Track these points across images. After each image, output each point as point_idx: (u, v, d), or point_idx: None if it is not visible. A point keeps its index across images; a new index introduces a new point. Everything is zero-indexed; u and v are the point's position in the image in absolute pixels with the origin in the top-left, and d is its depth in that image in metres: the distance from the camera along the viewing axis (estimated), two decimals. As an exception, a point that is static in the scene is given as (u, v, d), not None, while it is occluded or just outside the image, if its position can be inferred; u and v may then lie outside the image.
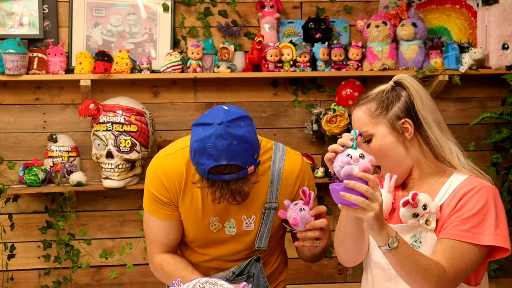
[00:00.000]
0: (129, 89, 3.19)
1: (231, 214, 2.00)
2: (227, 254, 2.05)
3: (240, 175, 1.79)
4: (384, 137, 1.73)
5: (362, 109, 1.77)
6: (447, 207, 1.68)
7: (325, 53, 3.13)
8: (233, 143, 1.76)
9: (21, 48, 2.91)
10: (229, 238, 2.02)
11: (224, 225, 2.01)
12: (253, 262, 2.06)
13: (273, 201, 1.99)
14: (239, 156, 1.77)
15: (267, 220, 2.00)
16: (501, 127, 3.23)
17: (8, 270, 3.13)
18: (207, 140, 1.77)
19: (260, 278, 2.07)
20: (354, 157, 1.51)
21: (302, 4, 3.32)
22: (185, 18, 3.22)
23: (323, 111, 3.15)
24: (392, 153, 1.74)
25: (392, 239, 1.54)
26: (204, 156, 1.78)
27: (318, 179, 3.13)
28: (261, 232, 2.01)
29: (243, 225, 2.01)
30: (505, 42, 3.16)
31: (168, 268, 2.02)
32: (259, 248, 2.03)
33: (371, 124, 1.74)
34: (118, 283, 3.25)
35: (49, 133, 3.12)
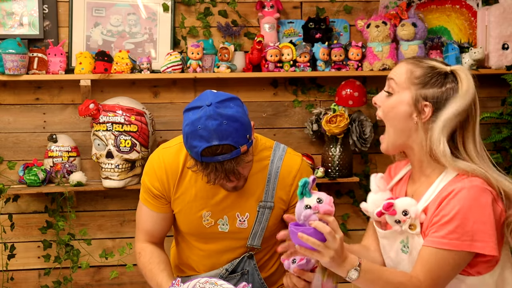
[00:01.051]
0: (129, 89, 3.19)
1: (224, 210, 2.00)
2: (222, 250, 2.05)
3: (233, 154, 1.80)
4: (401, 103, 1.70)
5: (409, 67, 1.72)
6: (430, 211, 1.65)
7: (325, 53, 3.13)
8: (223, 123, 1.78)
9: (21, 48, 2.91)
10: (223, 235, 2.02)
11: (217, 222, 2.01)
12: (246, 259, 2.06)
13: (268, 200, 1.99)
14: (230, 136, 1.78)
15: (261, 219, 2.00)
16: (501, 127, 3.23)
17: (8, 270, 3.13)
18: (198, 122, 1.80)
19: (255, 275, 2.07)
20: (313, 206, 1.53)
21: (302, 4, 3.32)
22: (185, 18, 3.22)
23: (323, 111, 3.15)
24: (398, 121, 1.71)
25: (351, 272, 1.55)
26: (195, 139, 1.80)
27: (318, 179, 3.13)
28: (254, 230, 2.01)
29: (237, 222, 2.01)
30: (505, 42, 3.16)
31: (143, 259, 2.07)
32: (251, 246, 2.03)
33: (403, 83, 1.70)
34: (118, 283, 3.25)
35: (49, 133, 3.12)
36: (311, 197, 1.54)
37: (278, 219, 2.02)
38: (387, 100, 1.72)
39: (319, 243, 1.50)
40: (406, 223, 1.65)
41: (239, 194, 1.99)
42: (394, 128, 1.71)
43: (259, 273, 2.07)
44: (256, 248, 2.04)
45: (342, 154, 3.14)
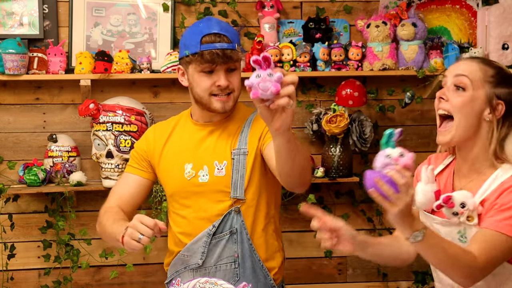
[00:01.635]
0: (129, 89, 3.19)
1: (204, 159, 2.07)
2: (207, 207, 2.07)
3: (230, 46, 2.00)
4: (475, 100, 1.75)
5: (480, 66, 1.78)
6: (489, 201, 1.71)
7: (325, 53, 3.13)
8: (222, 23, 2.07)
9: (21, 48, 2.91)
10: (203, 187, 2.06)
11: (198, 174, 2.07)
12: (233, 214, 2.06)
13: (242, 147, 2.05)
14: (228, 31, 2.03)
15: (238, 166, 2.04)
16: (501, 127, 3.23)
17: (8, 270, 3.13)
18: (199, 23, 2.09)
19: (243, 234, 2.06)
20: (394, 157, 1.51)
21: (302, 4, 3.32)
22: (185, 18, 3.22)
23: (323, 111, 3.15)
24: (470, 116, 1.75)
25: (415, 234, 1.55)
26: (196, 32, 2.02)
27: (318, 179, 3.13)
28: (234, 179, 2.05)
29: (215, 171, 2.06)
30: (505, 42, 3.16)
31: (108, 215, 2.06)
32: (235, 197, 2.05)
33: (478, 82, 1.76)
34: (118, 283, 3.25)
35: (49, 133, 3.12)
36: (394, 149, 1.53)
37: (255, 166, 2.06)
38: (459, 95, 1.76)
39: (393, 192, 1.50)
40: (464, 215, 1.71)
41: (216, 141, 2.08)
42: (465, 122, 1.75)
43: (247, 232, 2.06)
44: (241, 200, 2.05)
45: (342, 154, 3.14)
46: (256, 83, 1.51)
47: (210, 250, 2.06)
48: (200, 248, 2.07)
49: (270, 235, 2.13)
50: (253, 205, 2.07)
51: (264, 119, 1.59)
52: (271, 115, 1.56)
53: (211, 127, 2.12)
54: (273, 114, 1.56)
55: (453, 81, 1.77)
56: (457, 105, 1.75)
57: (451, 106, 1.76)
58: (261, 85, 1.51)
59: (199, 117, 2.14)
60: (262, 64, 1.52)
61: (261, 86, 1.51)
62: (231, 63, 2.03)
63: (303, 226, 3.32)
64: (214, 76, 2.03)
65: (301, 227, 3.32)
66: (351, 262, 3.38)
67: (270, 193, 2.12)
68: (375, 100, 3.33)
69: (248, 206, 2.06)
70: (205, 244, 2.06)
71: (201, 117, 2.14)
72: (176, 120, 2.22)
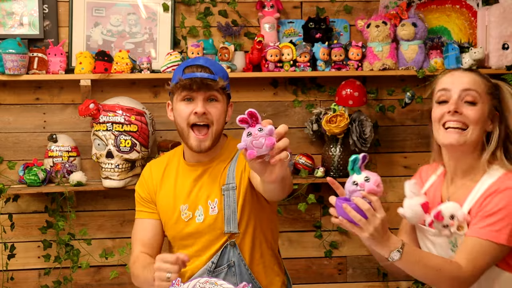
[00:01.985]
0: (129, 89, 3.19)
1: (197, 199, 2.09)
2: (204, 247, 2.09)
3: (211, 77, 2.04)
4: (484, 112, 1.80)
5: (480, 78, 1.84)
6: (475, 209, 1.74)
7: (325, 53, 3.13)
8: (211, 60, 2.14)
9: (21, 48, 2.91)
10: (200, 228, 2.08)
11: (194, 214, 2.09)
12: (230, 248, 2.07)
13: (230, 182, 2.07)
14: (213, 66, 2.09)
15: (229, 201, 2.06)
16: (501, 127, 3.23)
17: (8, 270, 3.13)
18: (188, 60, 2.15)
19: (241, 266, 2.08)
20: (359, 183, 1.55)
21: (302, 4, 3.32)
22: (185, 18, 3.22)
23: (323, 111, 3.15)
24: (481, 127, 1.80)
25: (393, 253, 1.59)
26: (182, 66, 2.11)
27: (318, 179, 3.13)
28: (226, 216, 2.06)
29: (209, 210, 2.08)
30: (505, 42, 3.16)
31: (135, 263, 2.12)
32: (229, 232, 2.06)
33: (483, 94, 1.82)
34: (118, 283, 3.25)
35: (49, 133, 3.12)
36: (360, 175, 1.57)
37: (246, 198, 2.07)
38: (471, 109, 1.79)
39: (360, 218, 1.54)
40: (454, 226, 1.74)
41: (207, 180, 2.11)
42: (478, 131, 1.80)
43: (245, 263, 2.08)
44: (235, 234, 2.07)
45: (342, 154, 3.14)
46: (249, 143, 1.47)
47: None
48: None
49: (269, 260, 2.15)
50: (248, 236, 2.09)
51: (258, 172, 1.56)
52: (264, 168, 1.54)
53: (202, 167, 2.14)
54: (266, 167, 1.53)
55: (462, 96, 1.79)
56: (473, 119, 1.78)
57: (466, 120, 1.79)
58: (255, 142, 1.47)
59: (189, 157, 2.17)
60: (250, 121, 1.49)
61: (255, 144, 1.47)
62: (209, 91, 2.05)
63: (303, 226, 3.32)
64: (193, 104, 2.07)
65: (301, 227, 3.32)
66: (351, 262, 3.38)
67: (265, 219, 2.13)
68: (375, 100, 3.33)
69: (243, 238, 2.08)
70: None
71: (192, 157, 2.16)
72: (168, 158, 2.25)
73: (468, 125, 1.79)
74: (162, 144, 3.11)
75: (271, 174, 1.55)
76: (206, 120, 2.06)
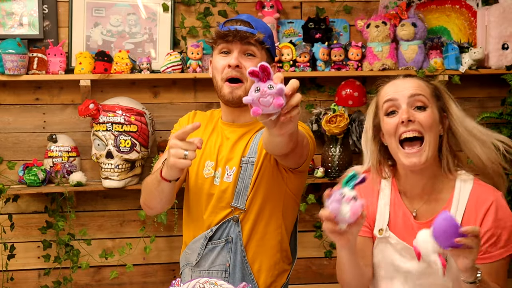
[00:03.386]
0: (129, 89, 3.19)
1: (221, 160, 2.05)
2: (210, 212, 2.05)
3: (249, 30, 1.97)
4: (434, 116, 1.75)
5: (423, 82, 1.79)
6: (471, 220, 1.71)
7: (325, 53, 3.13)
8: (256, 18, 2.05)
9: (21, 48, 2.91)
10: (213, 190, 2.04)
11: (214, 174, 2.05)
12: (232, 223, 2.03)
13: (251, 156, 2.02)
14: (254, 21, 2.01)
15: (244, 175, 2.02)
16: (501, 127, 3.23)
17: (8, 270, 3.13)
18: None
19: (238, 245, 2.04)
20: (347, 197, 1.49)
21: (302, 4, 3.32)
22: (185, 18, 3.22)
23: (323, 111, 3.15)
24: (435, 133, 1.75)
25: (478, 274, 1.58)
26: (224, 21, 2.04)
27: (318, 179, 3.13)
28: (238, 188, 2.02)
29: (225, 175, 2.04)
30: (505, 42, 3.16)
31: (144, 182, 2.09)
32: (236, 206, 2.02)
33: (431, 98, 1.77)
34: (118, 283, 3.25)
35: (49, 133, 3.12)
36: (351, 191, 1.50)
37: (262, 175, 2.01)
38: (423, 113, 1.74)
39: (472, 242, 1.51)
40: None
41: (235, 145, 2.05)
42: (434, 140, 1.74)
43: (242, 243, 2.03)
44: (241, 210, 2.02)
45: (342, 154, 3.14)
46: (256, 99, 1.37)
47: (206, 254, 2.06)
48: (197, 248, 2.07)
49: (269, 248, 2.06)
50: (254, 215, 2.03)
51: (266, 126, 1.51)
52: (273, 124, 1.47)
53: (234, 128, 2.09)
54: (276, 123, 1.47)
55: (410, 102, 1.74)
56: (427, 124, 1.72)
57: (421, 126, 1.72)
58: (262, 100, 1.37)
59: (225, 116, 2.11)
60: (261, 76, 1.38)
61: (262, 101, 1.37)
62: (246, 45, 1.98)
63: (303, 226, 3.32)
64: (229, 57, 2.00)
65: (301, 227, 3.32)
66: (351, 262, 3.38)
67: (279, 203, 2.05)
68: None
69: (248, 216, 2.03)
70: (201, 246, 2.06)
71: (227, 115, 2.10)
72: (211, 113, 2.20)
73: (423, 133, 1.72)
74: (162, 144, 3.11)
75: (280, 130, 1.49)
76: (240, 74, 1.98)
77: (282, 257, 2.09)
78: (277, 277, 2.08)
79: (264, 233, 2.05)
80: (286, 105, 1.40)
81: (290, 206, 2.09)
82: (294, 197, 2.09)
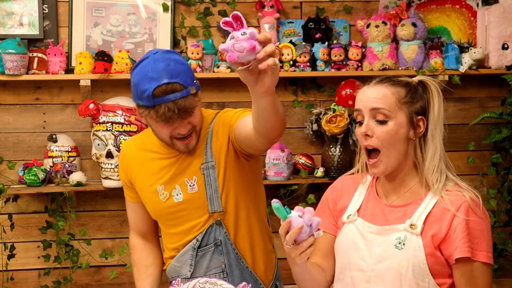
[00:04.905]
0: (129, 89, 3.16)
1: (174, 179, 2.05)
2: (189, 226, 2.07)
3: (183, 93, 1.87)
4: (400, 126, 1.72)
5: (391, 90, 1.74)
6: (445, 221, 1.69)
7: (325, 53, 3.13)
8: (170, 64, 1.89)
9: (21, 48, 2.91)
10: (180, 206, 2.05)
11: (171, 194, 2.06)
12: (215, 227, 2.05)
13: (208, 160, 2.03)
14: (179, 75, 1.88)
15: (209, 180, 2.03)
16: (501, 127, 3.23)
17: (8, 270, 3.13)
18: (146, 67, 1.90)
19: (228, 245, 2.06)
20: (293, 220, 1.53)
21: (302, 4, 3.32)
22: (185, 18, 3.22)
23: (323, 111, 3.15)
24: (398, 143, 1.72)
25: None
26: (145, 83, 1.89)
27: (318, 179, 3.13)
28: (208, 195, 2.03)
29: (188, 188, 2.04)
30: (505, 42, 3.16)
31: (134, 256, 2.22)
32: (214, 211, 2.04)
33: (395, 107, 1.72)
34: (118, 283, 3.25)
35: (49, 133, 3.12)
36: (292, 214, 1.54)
37: (227, 174, 2.04)
38: (382, 129, 1.72)
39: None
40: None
41: (183, 160, 2.04)
42: (395, 151, 1.73)
43: (231, 243, 2.06)
44: (220, 212, 2.04)
45: (342, 154, 3.14)
46: (230, 46, 1.44)
47: (198, 262, 2.08)
48: (188, 260, 2.09)
49: (257, 236, 2.12)
50: (233, 213, 2.06)
51: (248, 83, 1.54)
52: (255, 79, 1.52)
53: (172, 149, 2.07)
54: (257, 77, 1.52)
55: (371, 115, 1.74)
56: (385, 139, 1.71)
57: (378, 140, 1.72)
58: (236, 46, 1.44)
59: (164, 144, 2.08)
60: (234, 25, 1.45)
61: (236, 47, 1.43)
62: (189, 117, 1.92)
63: (303, 226, 3.32)
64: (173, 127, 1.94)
65: (301, 227, 3.32)
66: (351, 262, 3.38)
67: (249, 194, 2.10)
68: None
69: (228, 215, 2.06)
70: (191, 257, 2.08)
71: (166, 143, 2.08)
72: (145, 136, 2.15)
73: (381, 147, 1.71)
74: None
75: (263, 85, 1.53)
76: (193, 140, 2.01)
77: (267, 240, 2.17)
78: (268, 259, 2.15)
79: (248, 225, 2.09)
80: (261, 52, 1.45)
81: (258, 189, 2.16)
82: (258, 179, 2.15)
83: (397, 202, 1.77)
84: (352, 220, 1.81)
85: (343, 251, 1.81)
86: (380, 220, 1.76)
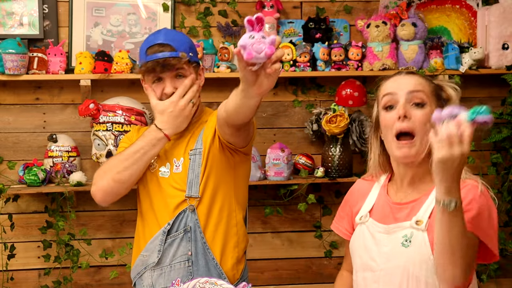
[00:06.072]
0: (129, 89, 3.19)
1: (166, 156, 2.17)
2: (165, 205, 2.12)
3: (172, 54, 2.08)
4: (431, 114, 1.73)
5: (424, 80, 1.78)
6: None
7: (325, 53, 3.13)
8: (171, 32, 2.19)
9: (21, 48, 2.91)
10: (163, 182, 2.13)
11: (159, 169, 2.15)
12: (188, 213, 2.09)
13: (198, 147, 2.12)
14: (174, 41, 2.12)
15: (194, 165, 2.11)
16: (501, 127, 3.23)
17: (8, 270, 3.13)
18: (149, 36, 2.19)
19: (197, 232, 2.10)
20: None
21: (302, 4, 3.32)
22: (185, 18, 3.22)
23: (323, 111, 3.15)
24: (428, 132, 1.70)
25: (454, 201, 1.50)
26: (145, 43, 2.15)
27: (318, 179, 3.13)
28: (189, 178, 2.10)
29: (173, 168, 2.14)
30: (505, 42, 3.16)
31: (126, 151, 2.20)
32: (190, 196, 2.09)
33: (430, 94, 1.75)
34: (118, 283, 3.25)
35: (49, 133, 3.12)
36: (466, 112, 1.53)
37: (212, 161, 2.11)
38: (420, 111, 1.73)
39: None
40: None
41: (180, 141, 2.17)
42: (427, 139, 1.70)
43: (201, 230, 2.10)
44: (196, 198, 2.09)
45: (342, 154, 3.14)
46: (250, 44, 1.49)
47: (166, 249, 2.11)
48: (156, 246, 2.12)
49: (230, 229, 2.15)
50: (207, 202, 2.11)
51: (248, 82, 1.60)
52: (255, 79, 1.58)
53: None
54: (257, 79, 1.58)
55: (409, 98, 1.73)
56: (421, 122, 1.71)
57: (415, 124, 1.72)
58: (255, 46, 1.49)
59: None
60: (255, 26, 1.50)
61: (255, 47, 1.49)
62: (174, 70, 2.11)
63: (303, 226, 3.32)
64: (163, 83, 2.14)
65: (301, 227, 3.32)
66: (351, 262, 3.38)
67: (229, 189, 2.15)
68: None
69: (203, 203, 2.10)
70: (161, 242, 2.11)
71: None
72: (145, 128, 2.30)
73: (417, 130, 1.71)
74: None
75: (260, 87, 1.60)
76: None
77: (239, 240, 2.18)
78: (237, 259, 2.16)
79: (220, 217, 2.13)
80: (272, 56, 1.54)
81: (241, 189, 2.19)
82: (243, 180, 2.20)
83: (405, 199, 1.78)
84: (364, 221, 1.83)
85: (356, 253, 1.83)
86: (389, 219, 1.77)
